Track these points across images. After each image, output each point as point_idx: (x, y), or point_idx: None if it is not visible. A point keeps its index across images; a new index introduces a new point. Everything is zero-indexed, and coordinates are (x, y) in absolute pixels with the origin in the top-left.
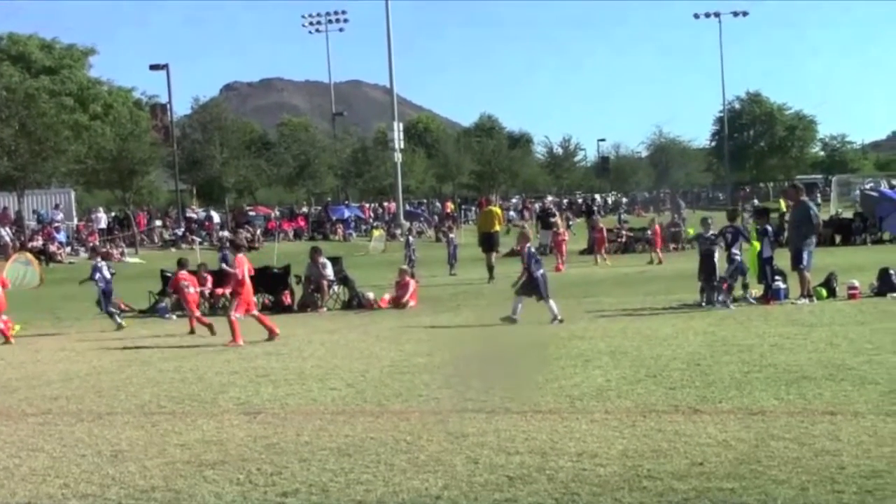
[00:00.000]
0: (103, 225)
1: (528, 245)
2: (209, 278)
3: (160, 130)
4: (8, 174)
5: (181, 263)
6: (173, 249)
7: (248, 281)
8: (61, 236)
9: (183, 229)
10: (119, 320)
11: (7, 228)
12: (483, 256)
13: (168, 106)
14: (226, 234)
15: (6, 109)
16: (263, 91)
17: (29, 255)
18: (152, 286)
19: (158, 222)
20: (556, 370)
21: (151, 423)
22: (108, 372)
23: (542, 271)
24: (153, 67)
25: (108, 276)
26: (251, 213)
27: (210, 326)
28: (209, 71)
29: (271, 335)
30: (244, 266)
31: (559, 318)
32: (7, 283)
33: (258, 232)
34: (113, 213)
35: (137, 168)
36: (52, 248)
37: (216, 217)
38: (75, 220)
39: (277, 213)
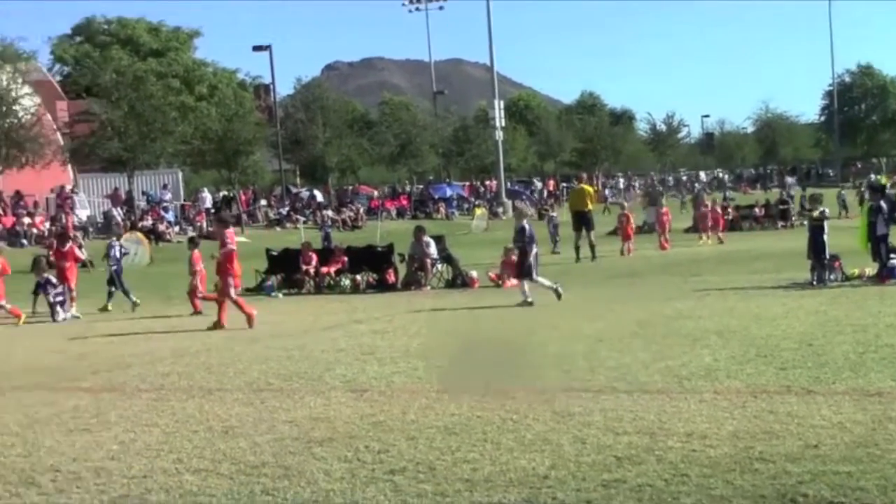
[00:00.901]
0: (209, 205)
1: (525, 222)
2: (314, 257)
3: (264, 111)
4: (118, 155)
5: (194, 242)
6: (278, 229)
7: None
8: (170, 216)
9: (287, 208)
10: (133, 298)
11: (118, 208)
12: (573, 235)
13: (271, 86)
14: (329, 213)
15: (116, 92)
16: (364, 70)
17: (139, 235)
18: (258, 265)
19: (263, 202)
20: (664, 349)
21: (260, 399)
22: (218, 349)
23: (536, 250)
24: (256, 48)
25: (118, 255)
26: (353, 192)
27: (199, 312)
28: (311, 51)
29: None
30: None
31: (529, 300)
32: (8, 269)
33: (361, 211)
34: (223, 193)
35: (242, 148)
36: (161, 227)
37: (319, 196)
38: (182, 200)
39: (382, 191)
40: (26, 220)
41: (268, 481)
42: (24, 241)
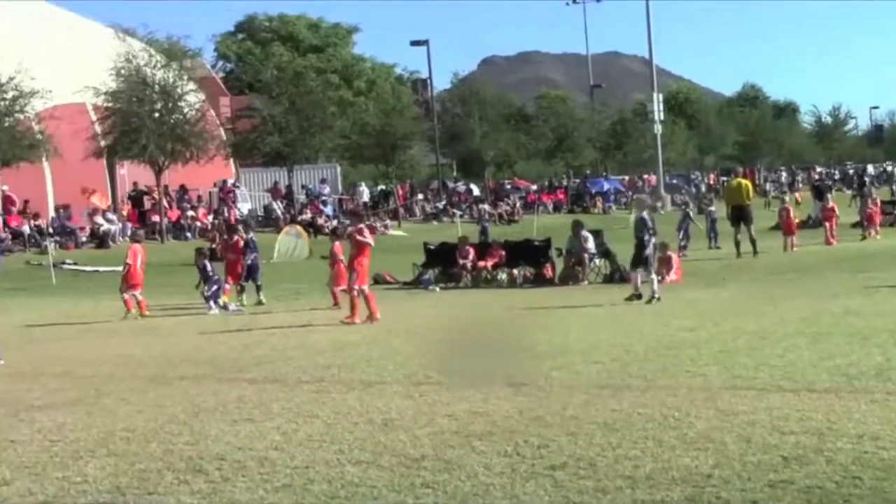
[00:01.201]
0: (366, 198)
1: (645, 213)
2: (472, 251)
3: (421, 105)
4: (279, 150)
5: (336, 234)
6: (435, 223)
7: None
8: (328, 209)
9: (444, 202)
10: (260, 296)
11: (278, 202)
12: (731, 231)
13: (428, 81)
14: (486, 207)
15: (277, 88)
16: (521, 64)
17: (299, 228)
18: (416, 258)
19: (420, 196)
20: (831, 347)
21: (419, 392)
22: (377, 342)
23: (654, 241)
24: (414, 43)
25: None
26: (509, 187)
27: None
28: (468, 46)
29: None
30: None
31: (657, 296)
32: (144, 258)
33: (517, 205)
34: (380, 187)
35: (399, 143)
36: (320, 220)
37: (476, 190)
38: (340, 194)
39: (542, 184)
40: (190, 213)
41: (428, 474)
42: (188, 235)
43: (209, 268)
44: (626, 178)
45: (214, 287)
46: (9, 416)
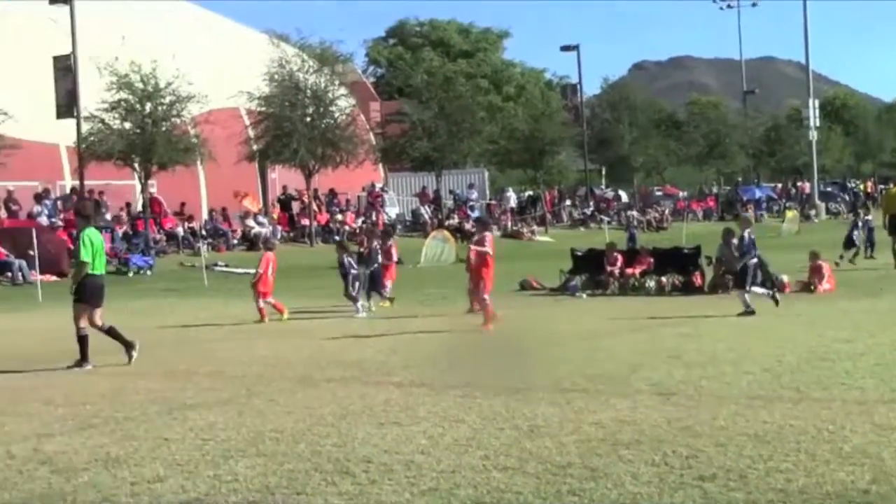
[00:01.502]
0: (513, 204)
1: (748, 231)
2: (619, 257)
3: (570, 110)
4: (428, 155)
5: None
6: (582, 229)
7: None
8: (475, 214)
9: (592, 208)
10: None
11: (426, 207)
12: (889, 240)
13: (578, 86)
14: (634, 213)
15: (427, 93)
16: (672, 70)
17: (446, 233)
18: (563, 264)
19: (568, 202)
20: None
21: (566, 399)
22: (524, 349)
23: (755, 260)
24: (564, 48)
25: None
26: (658, 193)
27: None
28: (618, 51)
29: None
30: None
31: (751, 309)
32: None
33: (666, 212)
34: (528, 193)
35: (548, 148)
36: (467, 226)
37: (624, 197)
38: (488, 199)
39: (693, 191)
40: (339, 217)
41: (574, 482)
42: (337, 238)
43: (347, 262)
44: (779, 185)
45: (356, 284)
46: (163, 413)
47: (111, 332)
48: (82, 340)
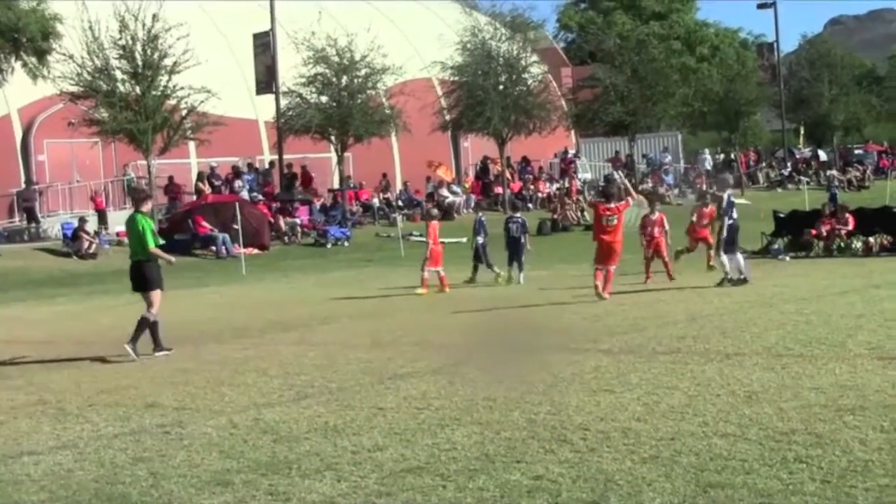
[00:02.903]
0: (708, 166)
1: (727, 193)
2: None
3: (766, 70)
4: (621, 119)
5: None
6: (779, 190)
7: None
8: (669, 178)
9: (789, 169)
10: (496, 270)
11: (619, 172)
12: None
13: (775, 45)
14: (834, 173)
15: (619, 57)
16: (871, 23)
17: (641, 198)
18: (763, 227)
19: (763, 163)
20: None
21: (781, 364)
22: (731, 312)
23: (730, 222)
24: (761, 6)
25: (486, 230)
26: (859, 152)
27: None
28: (815, 6)
29: None
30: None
31: (730, 277)
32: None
33: (868, 171)
34: (721, 155)
35: (744, 109)
36: (662, 190)
37: (823, 156)
38: (682, 163)
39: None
40: (531, 185)
41: (800, 448)
42: (530, 206)
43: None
44: None
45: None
46: (375, 383)
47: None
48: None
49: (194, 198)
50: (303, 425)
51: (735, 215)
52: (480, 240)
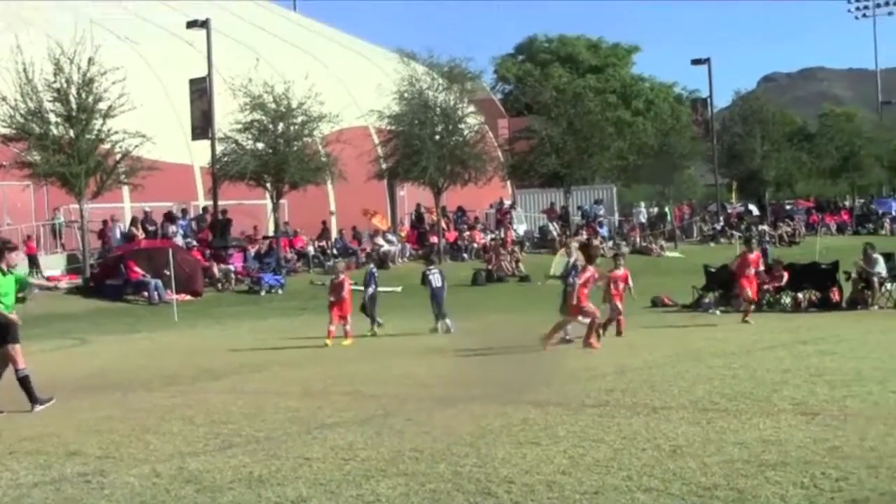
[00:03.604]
0: (643, 219)
1: (573, 259)
2: (786, 274)
3: (700, 125)
4: (556, 171)
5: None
6: (712, 244)
7: None
8: (604, 231)
9: (722, 224)
10: (378, 322)
11: (554, 223)
12: None
13: (708, 100)
14: (765, 228)
15: (555, 108)
16: (803, 81)
17: (574, 246)
18: (695, 281)
19: (697, 217)
20: None
21: (706, 419)
22: (660, 366)
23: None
24: (695, 62)
25: (437, 282)
26: (790, 207)
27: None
28: (749, 63)
29: None
30: None
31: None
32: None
33: (800, 226)
34: (655, 208)
35: (678, 162)
36: (596, 242)
37: (755, 211)
38: (616, 215)
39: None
40: (467, 234)
41: None
42: (465, 255)
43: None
44: None
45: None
46: (303, 433)
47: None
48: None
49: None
50: (227, 475)
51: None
52: (370, 291)
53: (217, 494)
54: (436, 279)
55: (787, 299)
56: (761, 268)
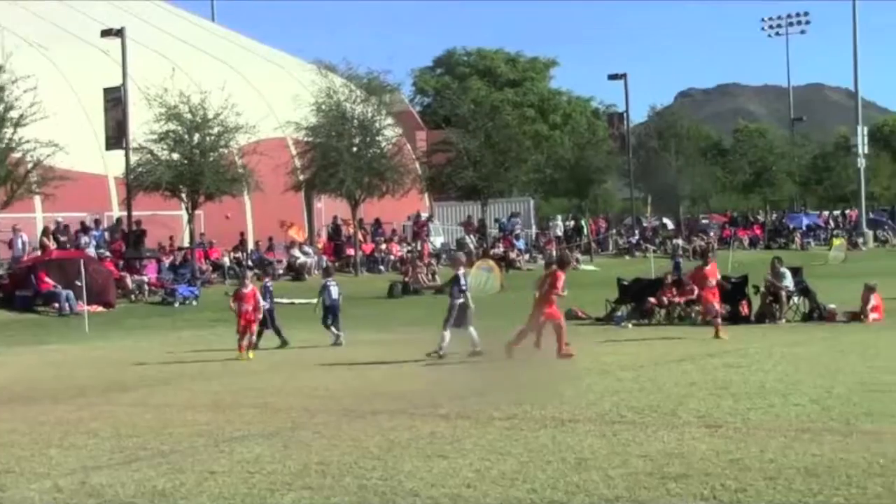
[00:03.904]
0: (559, 232)
1: (461, 271)
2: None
3: (616, 139)
4: (473, 184)
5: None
6: (627, 257)
7: None
8: (520, 244)
9: (637, 237)
10: (337, 334)
11: (471, 236)
12: None
13: (625, 114)
14: (679, 242)
15: (473, 122)
16: (719, 97)
17: (491, 262)
18: (609, 294)
19: (613, 230)
20: None
21: (612, 431)
22: (569, 379)
23: (460, 300)
24: (612, 77)
25: (335, 294)
26: (705, 221)
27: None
28: (665, 79)
29: None
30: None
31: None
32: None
33: (713, 240)
34: (571, 222)
35: (594, 177)
36: (512, 255)
37: (670, 225)
38: (534, 228)
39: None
40: (384, 246)
41: None
42: (381, 268)
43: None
44: (826, 213)
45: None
46: (209, 446)
47: None
48: None
49: (38, 253)
50: (130, 489)
51: (461, 295)
52: (267, 305)
53: None
54: (334, 291)
55: (696, 313)
56: (719, 276)
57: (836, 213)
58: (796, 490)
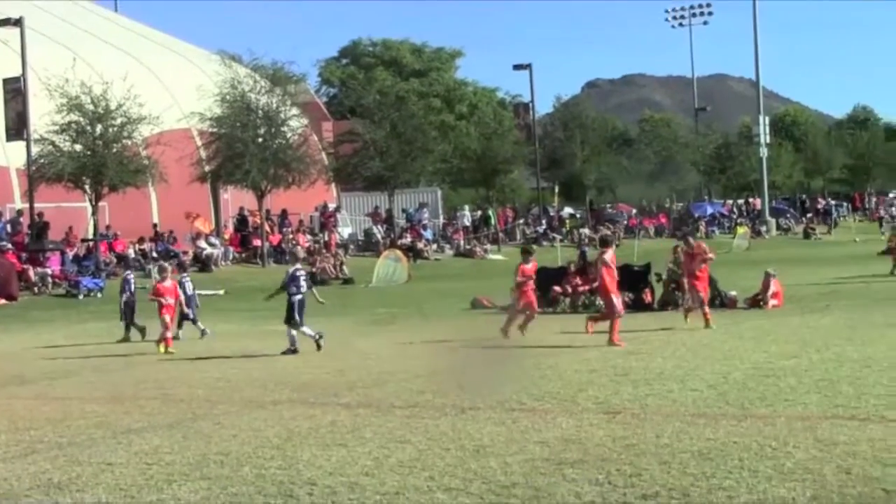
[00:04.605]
0: (467, 223)
1: (295, 267)
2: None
3: (523, 129)
4: (380, 174)
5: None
6: (534, 247)
7: None
8: (428, 234)
9: (544, 227)
10: (139, 329)
11: (379, 226)
12: None
13: (531, 105)
14: (585, 231)
15: (379, 112)
16: (625, 87)
17: (398, 253)
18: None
19: (521, 220)
20: None
21: (512, 419)
22: (472, 366)
23: (298, 297)
24: (517, 67)
25: (132, 289)
26: (611, 211)
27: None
28: (571, 69)
29: None
30: None
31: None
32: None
33: (620, 229)
34: (479, 212)
35: (500, 167)
36: (420, 245)
37: (578, 215)
38: (441, 218)
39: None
40: (291, 237)
41: (517, 501)
42: (289, 258)
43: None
44: (730, 201)
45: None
46: (107, 438)
47: None
48: None
49: None
50: (25, 482)
51: (299, 291)
52: (124, 298)
53: (12, 502)
54: (189, 286)
55: (601, 301)
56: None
57: (740, 201)
58: (689, 473)
